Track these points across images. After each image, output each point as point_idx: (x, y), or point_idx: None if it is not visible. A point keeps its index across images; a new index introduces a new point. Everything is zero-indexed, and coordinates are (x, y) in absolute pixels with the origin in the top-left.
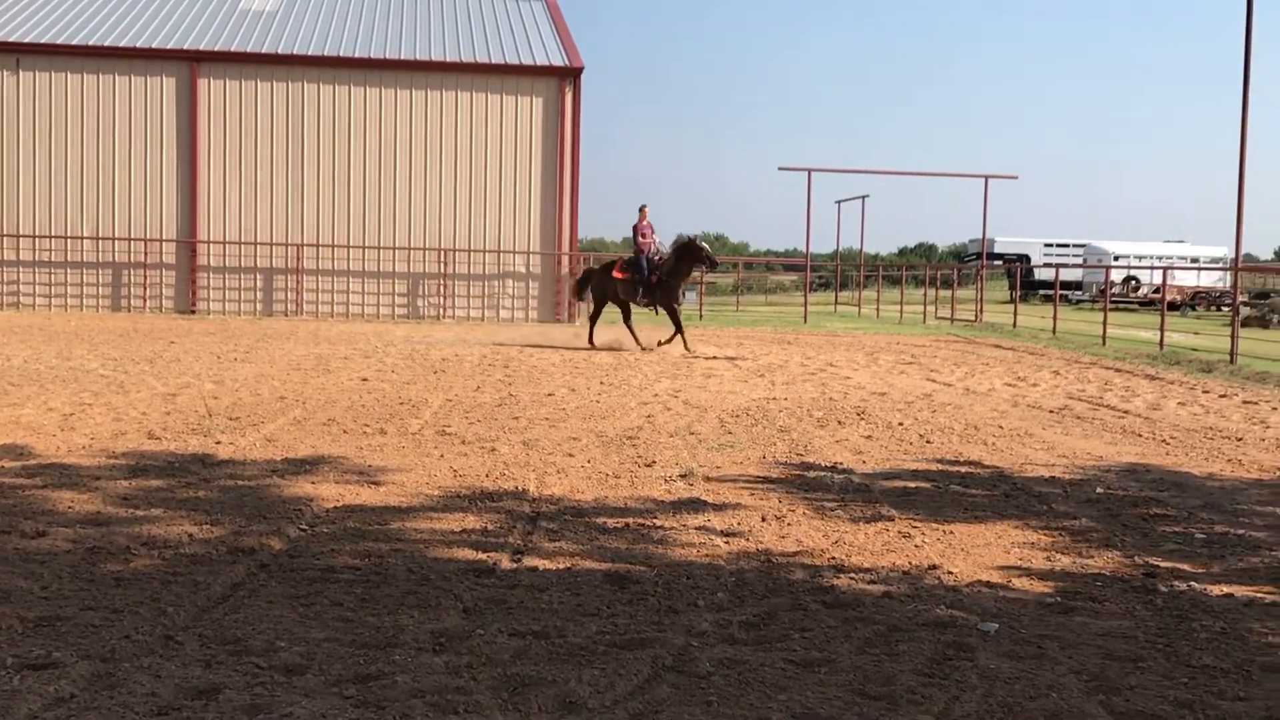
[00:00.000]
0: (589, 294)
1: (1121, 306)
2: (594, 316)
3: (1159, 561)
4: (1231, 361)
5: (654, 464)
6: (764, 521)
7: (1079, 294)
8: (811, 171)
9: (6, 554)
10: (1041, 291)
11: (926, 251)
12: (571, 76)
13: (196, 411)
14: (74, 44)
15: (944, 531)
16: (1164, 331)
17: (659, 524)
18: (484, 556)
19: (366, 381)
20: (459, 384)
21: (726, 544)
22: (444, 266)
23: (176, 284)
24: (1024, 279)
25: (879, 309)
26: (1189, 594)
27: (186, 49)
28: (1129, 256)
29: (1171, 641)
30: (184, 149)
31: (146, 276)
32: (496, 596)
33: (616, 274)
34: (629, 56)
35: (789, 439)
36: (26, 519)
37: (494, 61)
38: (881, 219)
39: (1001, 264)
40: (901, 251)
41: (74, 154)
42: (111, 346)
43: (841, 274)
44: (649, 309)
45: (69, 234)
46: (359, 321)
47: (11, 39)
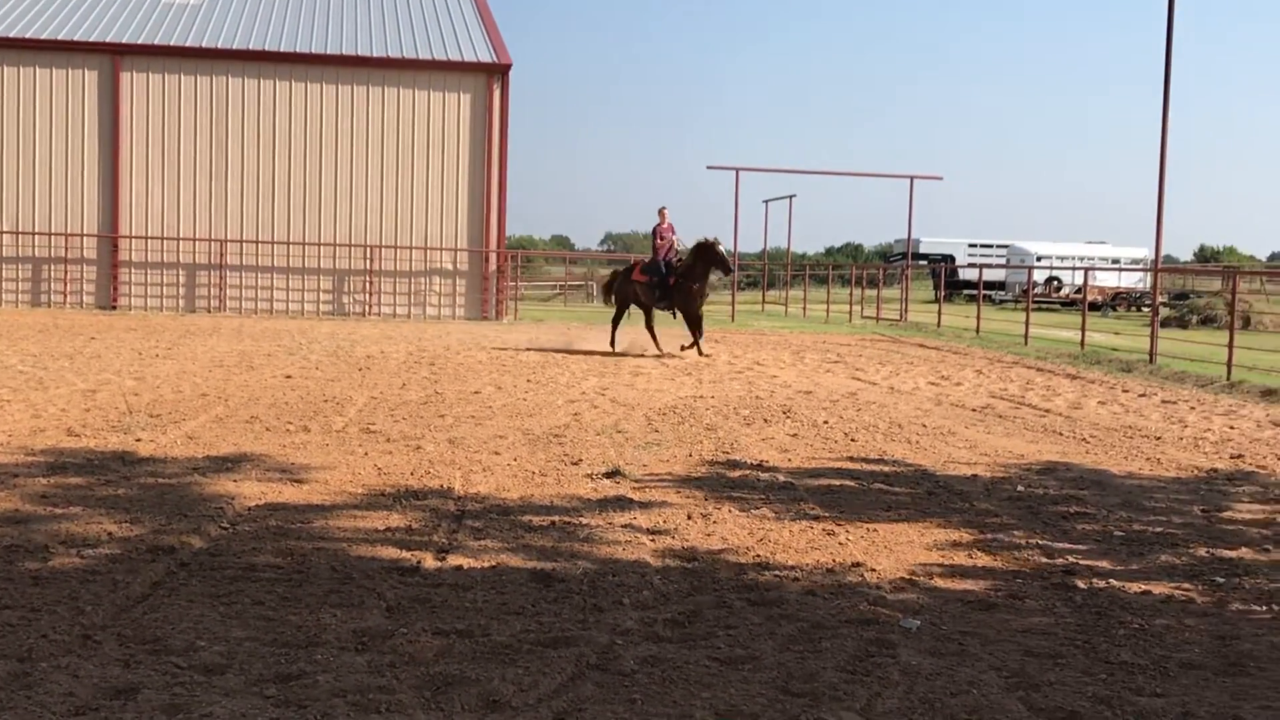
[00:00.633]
0: (614, 297)
1: (1044, 307)
2: (616, 319)
3: (1078, 559)
4: (1151, 361)
5: (580, 462)
6: (690, 519)
7: (1002, 294)
8: (739, 171)
9: None
10: (965, 291)
11: (853, 251)
12: (500, 73)
13: (117, 408)
14: None
15: (868, 529)
16: (1085, 331)
17: (585, 522)
18: (408, 555)
19: (290, 379)
20: (384, 381)
21: (652, 542)
22: (370, 263)
23: (98, 279)
24: (948, 279)
25: (805, 308)
26: (1108, 591)
27: (109, 42)
28: (1051, 257)
29: (1090, 638)
30: (106, 143)
31: (67, 272)
32: (420, 595)
33: (636, 276)
34: (559, 54)
35: (716, 437)
36: None
37: (421, 58)
38: (809, 219)
39: (926, 264)
40: (828, 251)
41: None
42: (31, 342)
43: (769, 273)
44: (668, 312)
45: None
46: (283, 318)
47: None
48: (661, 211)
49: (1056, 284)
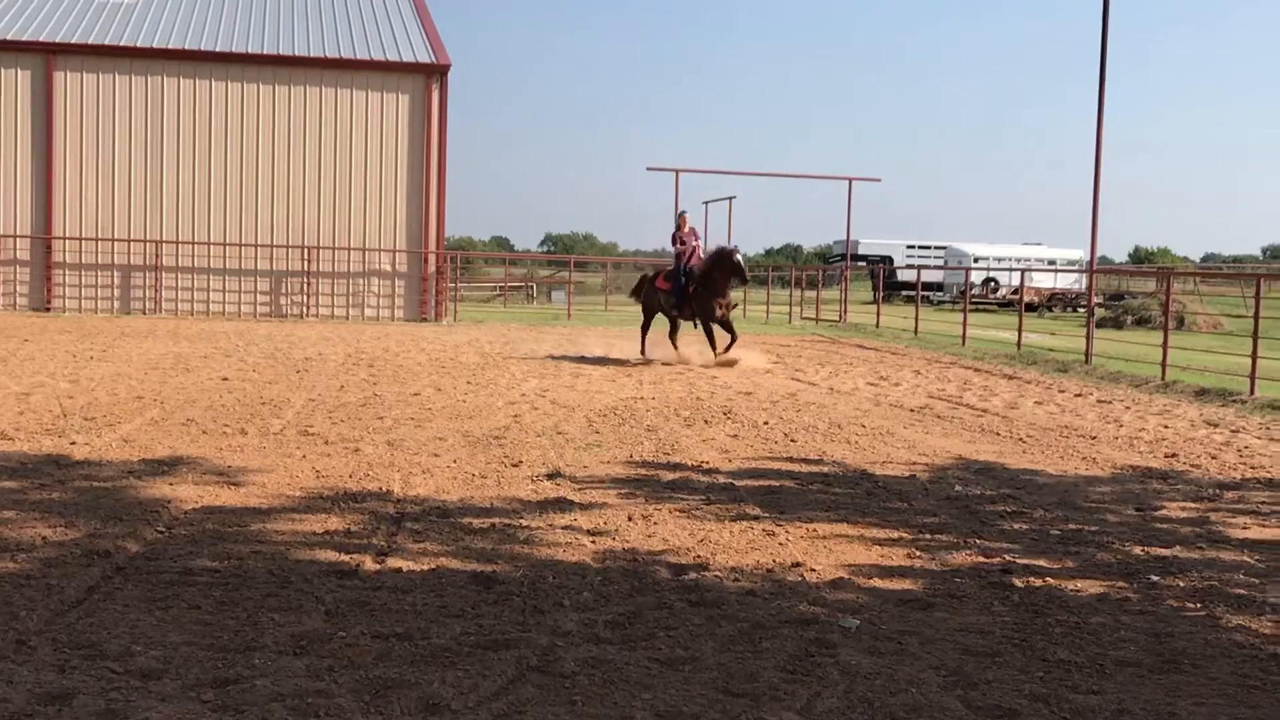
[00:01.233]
0: (641, 305)
1: (981, 307)
2: (644, 327)
3: (1015, 558)
4: (1086, 361)
5: (521, 464)
6: (630, 521)
7: (940, 295)
8: (679, 172)
9: None
10: (904, 292)
11: (792, 253)
12: (438, 74)
13: (51, 411)
14: None
15: (807, 529)
16: (1021, 332)
17: (525, 524)
18: (347, 558)
19: (227, 381)
20: (322, 383)
21: (593, 543)
22: (308, 264)
23: (31, 281)
24: (887, 280)
25: (745, 309)
26: (1044, 590)
27: (42, 40)
28: (988, 259)
29: (1027, 636)
30: (39, 143)
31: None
32: (359, 598)
33: (659, 284)
34: (498, 54)
35: (656, 438)
36: None
37: (359, 58)
38: (749, 221)
39: (865, 265)
40: (768, 252)
41: None
42: None
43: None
44: (689, 321)
45: None
46: (220, 320)
47: None
48: (682, 217)
49: (993, 285)
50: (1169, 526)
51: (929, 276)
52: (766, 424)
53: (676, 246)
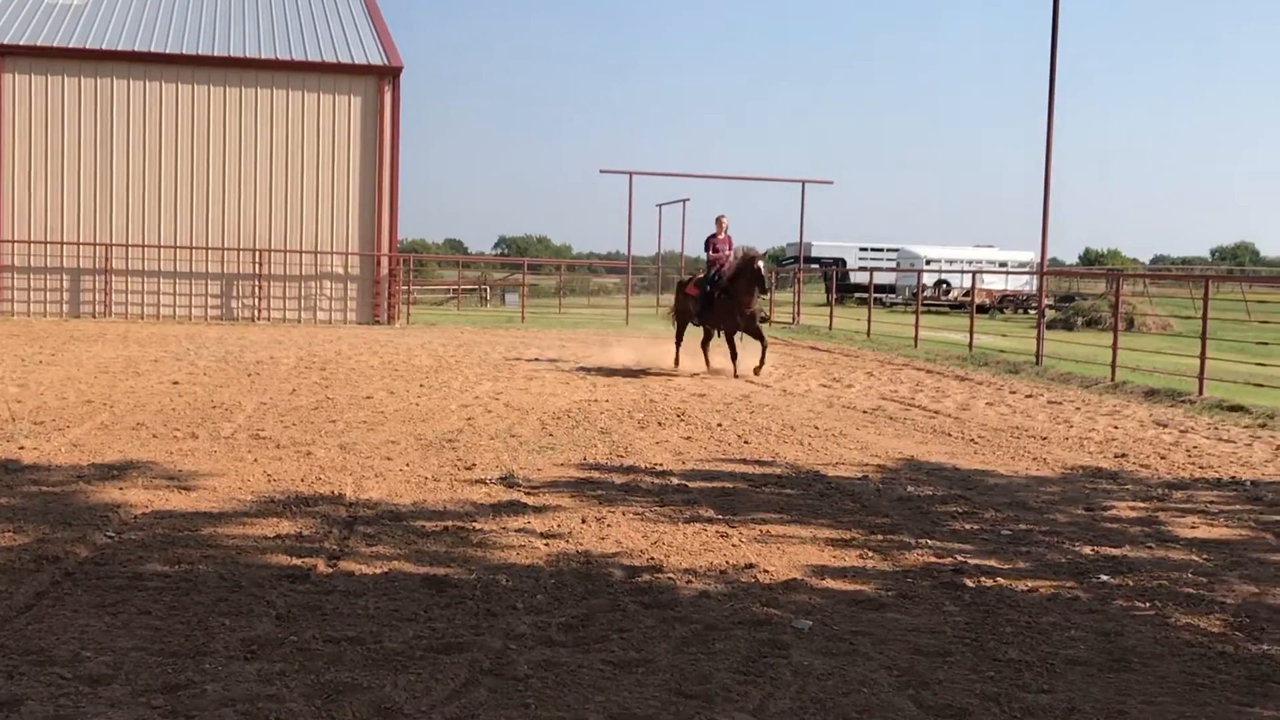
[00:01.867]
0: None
1: (933, 309)
2: (678, 336)
3: (967, 558)
4: (1037, 363)
5: (474, 467)
6: (584, 523)
7: (892, 297)
8: (633, 175)
9: None
10: (857, 294)
11: None
12: (390, 76)
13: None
14: None
15: (761, 531)
16: (973, 334)
17: (478, 527)
18: (298, 562)
19: (177, 385)
20: (274, 387)
21: (546, 546)
22: (259, 267)
23: None
24: (840, 282)
25: None
26: (995, 589)
27: None
28: (940, 261)
29: (978, 636)
30: None
31: None
32: (311, 602)
33: (689, 290)
34: (452, 56)
35: (610, 440)
36: None
37: (310, 59)
38: (702, 222)
39: (818, 268)
40: None
41: None
42: None
43: (663, 276)
44: (714, 329)
45: None
46: (171, 323)
47: None
48: (719, 220)
49: (945, 287)
50: (1118, 526)
51: (881, 279)
52: (720, 426)
53: (709, 253)
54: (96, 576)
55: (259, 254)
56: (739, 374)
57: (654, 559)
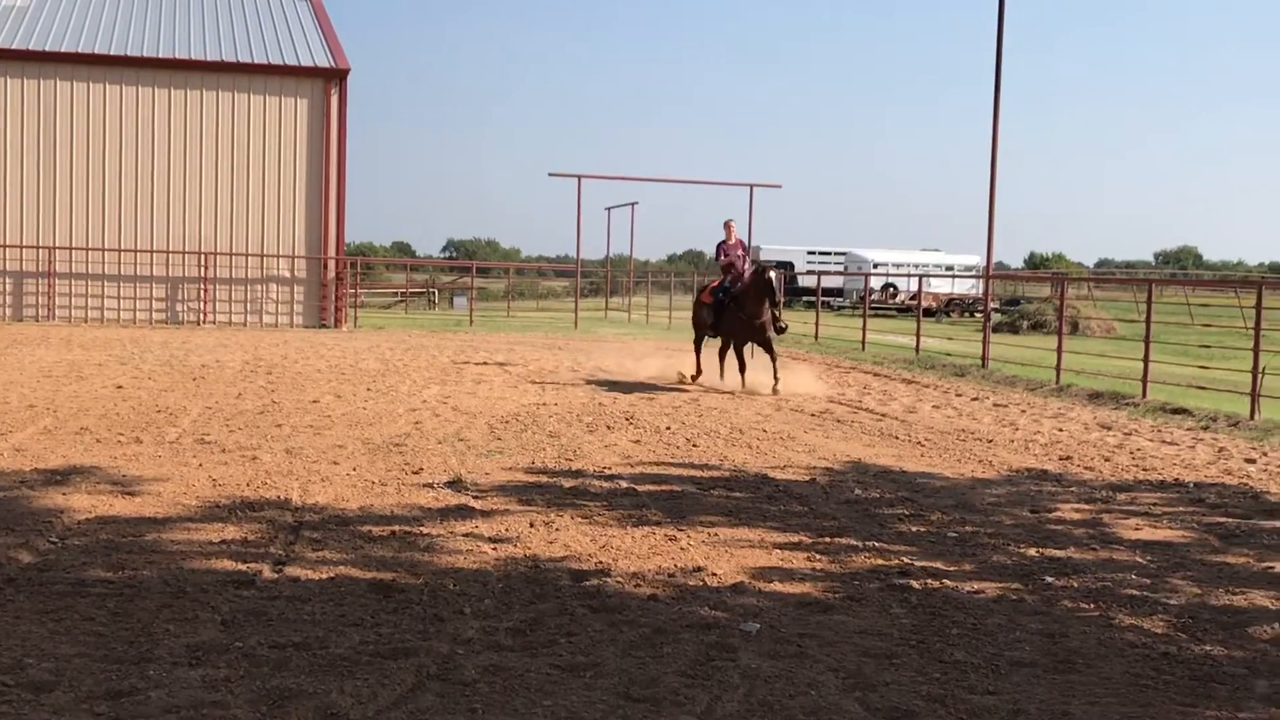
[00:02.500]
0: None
1: (880, 313)
2: (696, 344)
3: (913, 560)
4: (983, 366)
5: (422, 471)
6: (532, 527)
7: (840, 300)
8: (581, 178)
9: None
10: (805, 298)
11: (695, 258)
12: (338, 78)
13: None
14: None
15: (709, 534)
16: (920, 337)
17: (426, 531)
18: (244, 567)
19: (122, 389)
20: (219, 391)
21: (494, 550)
22: (204, 270)
23: None
24: (788, 286)
25: (649, 314)
26: (942, 591)
27: None
28: (887, 265)
29: (925, 638)
30: None
31: None
32: (256, 608)
33: (704, 298)
34: (400, 58)
35: (559, 444)
36: None
37: (256, 61)
38: (651, 226)
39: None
40: (670, 258)
41: None
42: None
43: (612, 280)
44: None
45: None
46: (115, 327)
47: None
48: (728, 225)
49: (892, 290)
50: (1063, 528)
51: (829, 282)
52: (668, 429)
53: (721, 260)
54: (39, 583)
55: (204, 257)
56: (746, 386)
57: (602, 563)
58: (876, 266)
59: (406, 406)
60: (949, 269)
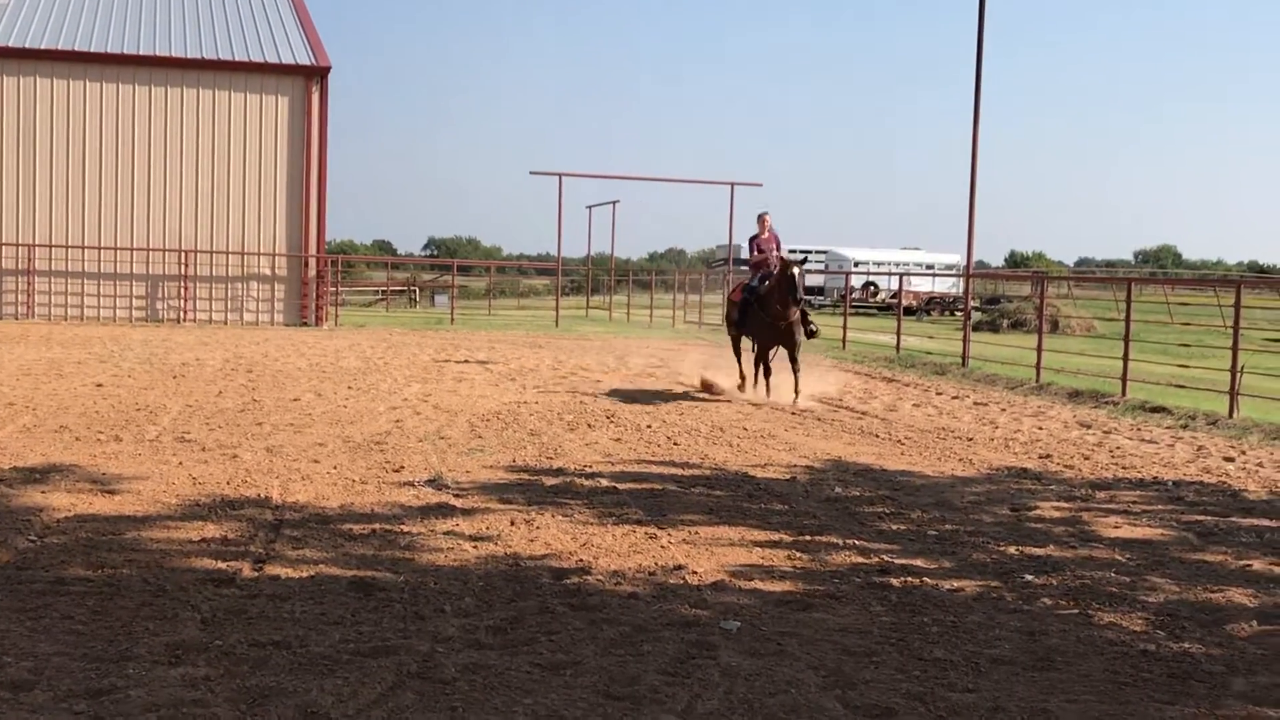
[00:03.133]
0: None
1: (861, 311)
2: (735, 348)
3: (893, 559)
4: (963, 364)
5: (402, 469)
6: (513, 525)
7: (821, 299)
8: (562, 176)
9: None
10: None
11: (676, 257)
12: (318, 76)
13: None
14: None
15: (689, 532)
16: (900, 335)
17: (406, 530)
18: (224, 566)
19: (101, 387)
20: (200, 389)
21: (475, 548)
22: (185, 268)
23: None
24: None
25: (630, 313)
26: (921, 589)
27: None
28: (868, 263)
29: (905, 636)
30: None
31: None
32: (236, 606)
33: (733, 295)
34: (381, 56)
35: (539, 442)
36: None
37: (236, 59)
38: (632, 225)
39: (747, 270)
40: (652, 256)
41: None
42: None
43: (593, 278)
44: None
45: None
46: (95, 325)
47: None
48: (761, 219)
49: (873, 289)
50: (1043, 526)
51: (810, 280)
52: (649, 427)
53: (754, 255)
54: (18, 581)
55: (185, 255)
56: (771, 396)
57: (583, 561)
58: (857, 265)
59: (387, 405)
60: (929, 268)
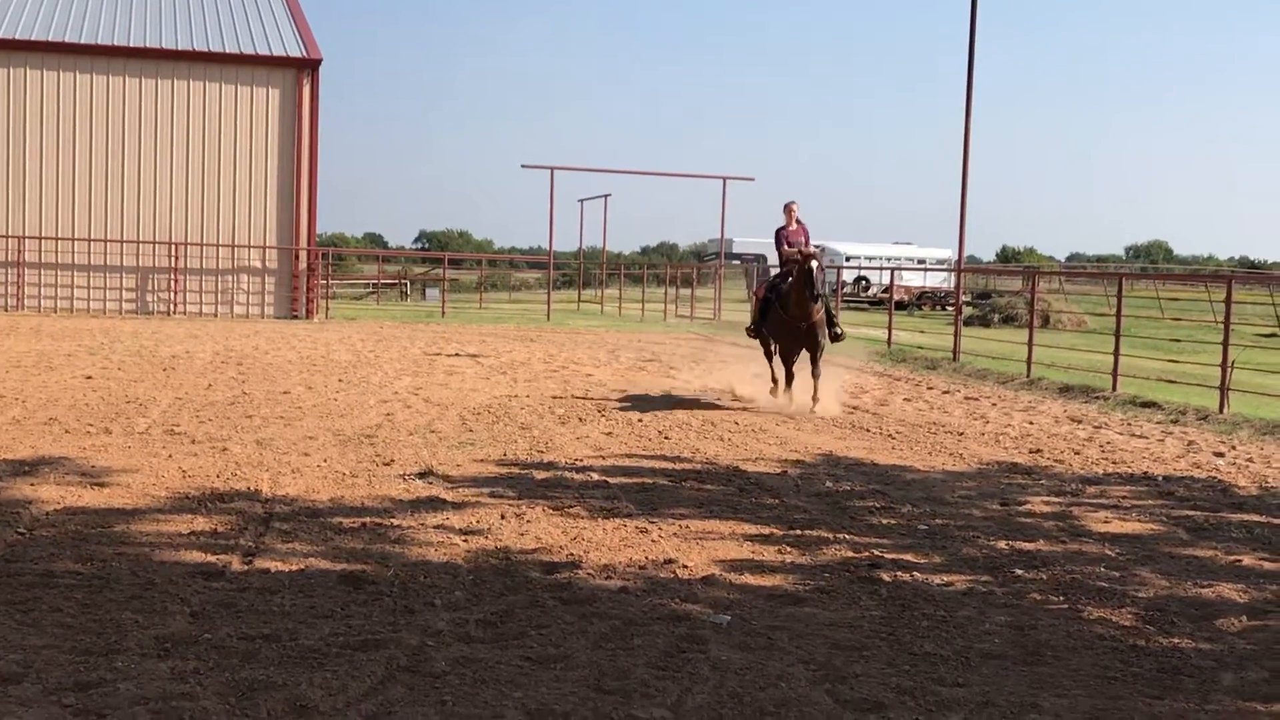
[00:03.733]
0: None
1: (853, 306)
2: (766, 350)
3: (884, 553)
4: (954, 359)
5: (393, 463)
6: (503, 519)
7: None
8: (554, 170)
9: None
10: None
11: (668, 251)
12: (309, 68)
13: None
14: None
15: (680, 526)
16: (891, 330)
17: (396, 523)
18: (213, 559)
19: (91, 379)
20: (189, 382)
21: (465, 542)
22: (175, 261)
23: None
24: (761, 279)
25: (621, 307)
26: (912, 584)
27: None
28: (860, 258)
29: (895, 630)
30: None
31: None
32: (226, 599)
33: (757, 293)
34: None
35: (530, 436)
36: None
37: (227, 51)
38: (624, 218)
39: (739, 264)
40: (643, 250)
41: None
42: None
43: (585, 272)
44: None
45: None
46: (85, 317)
47: None
48: (788, 209)
49: (864, 284)
50: (1033, 521)
51: None
52: (640, 421)
53: (784, 248)
54: (7, 574)
55: (175, 247)
56: (795, 404)
57: (573, 555)
58: (849, 260)
59: (378, 398)
60: (921, 262)
